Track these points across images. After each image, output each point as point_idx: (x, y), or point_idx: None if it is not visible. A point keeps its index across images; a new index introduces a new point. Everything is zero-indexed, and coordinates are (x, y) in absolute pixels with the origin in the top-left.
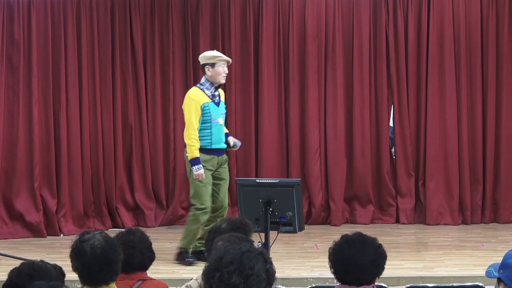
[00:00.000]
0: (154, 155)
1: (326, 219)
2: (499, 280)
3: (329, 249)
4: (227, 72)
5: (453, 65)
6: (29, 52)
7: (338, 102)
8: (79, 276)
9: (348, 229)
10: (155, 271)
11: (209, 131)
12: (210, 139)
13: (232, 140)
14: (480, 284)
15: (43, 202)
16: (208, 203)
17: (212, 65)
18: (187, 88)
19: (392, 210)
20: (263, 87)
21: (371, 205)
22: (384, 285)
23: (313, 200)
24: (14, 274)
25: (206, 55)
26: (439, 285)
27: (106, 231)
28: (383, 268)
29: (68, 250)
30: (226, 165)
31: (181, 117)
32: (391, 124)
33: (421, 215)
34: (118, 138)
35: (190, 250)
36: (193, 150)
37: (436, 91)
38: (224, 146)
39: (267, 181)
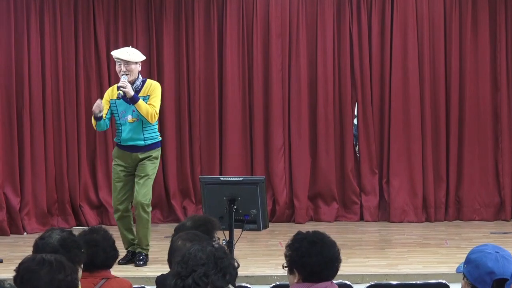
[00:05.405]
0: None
1: (290, 217)
2: (464, 274)
3: (290, 250)
4: (123, 70)
5: (416, 63)
6: None
7: (302, 100)
8: None
9: (313, 227)
10: (119, 269)
11: (120, 128)
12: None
13: None
14: (444, 281)
15: (6, 200)
16: None
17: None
18: None
19: (356, 207)
20: (227, 85)
21: (335, 203)
22: (348, 282)
23: (277, 198)
24: None
25: None
26: (403, 282)
27: (69, 229)
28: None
29: (31, 249)
30: (143, 161)
31: None
32: (355, 121)
33: (385, 213)
34: (81, 136)
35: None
36: None
37: (400, 89)
38: (137, 143)
39: (231, 179)
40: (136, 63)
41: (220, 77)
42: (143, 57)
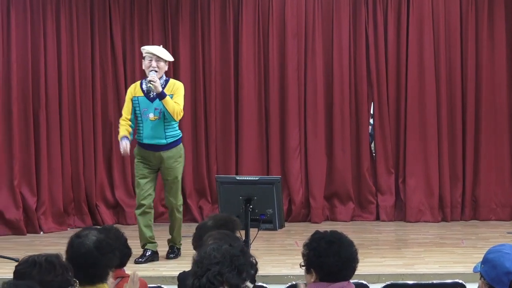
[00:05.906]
0: (133, 153)
1: (306, 217)
2: (481, 274)
3: (308, 249)
4: (153, 66)
5: (432, 62)
6: (8, 50)
7: (318, 99)
8: None
9: (329, 227)
10: (135, 269)
11: (141, 125)
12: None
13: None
14: (460, 281)
15: (23, 199)
16: None
17: (144, 58)
18: None
19: (372, 207)
20: (243, 85)
21: (351, 203)
22: (364, 282)
23: (293, 198)
24: None
25: None
26: (419, 282)
27: (107, 230)
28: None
29: (48, 248)
30: (169, 163)
31: None
32: (371, 121)
33: (401, 213)
34: (98, 135)
35: None
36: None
37: (416, 88)
38: (158, 142)
39: (247, 178)
40: (166, 61)
41: (236, 77)
42: (172, 58)
